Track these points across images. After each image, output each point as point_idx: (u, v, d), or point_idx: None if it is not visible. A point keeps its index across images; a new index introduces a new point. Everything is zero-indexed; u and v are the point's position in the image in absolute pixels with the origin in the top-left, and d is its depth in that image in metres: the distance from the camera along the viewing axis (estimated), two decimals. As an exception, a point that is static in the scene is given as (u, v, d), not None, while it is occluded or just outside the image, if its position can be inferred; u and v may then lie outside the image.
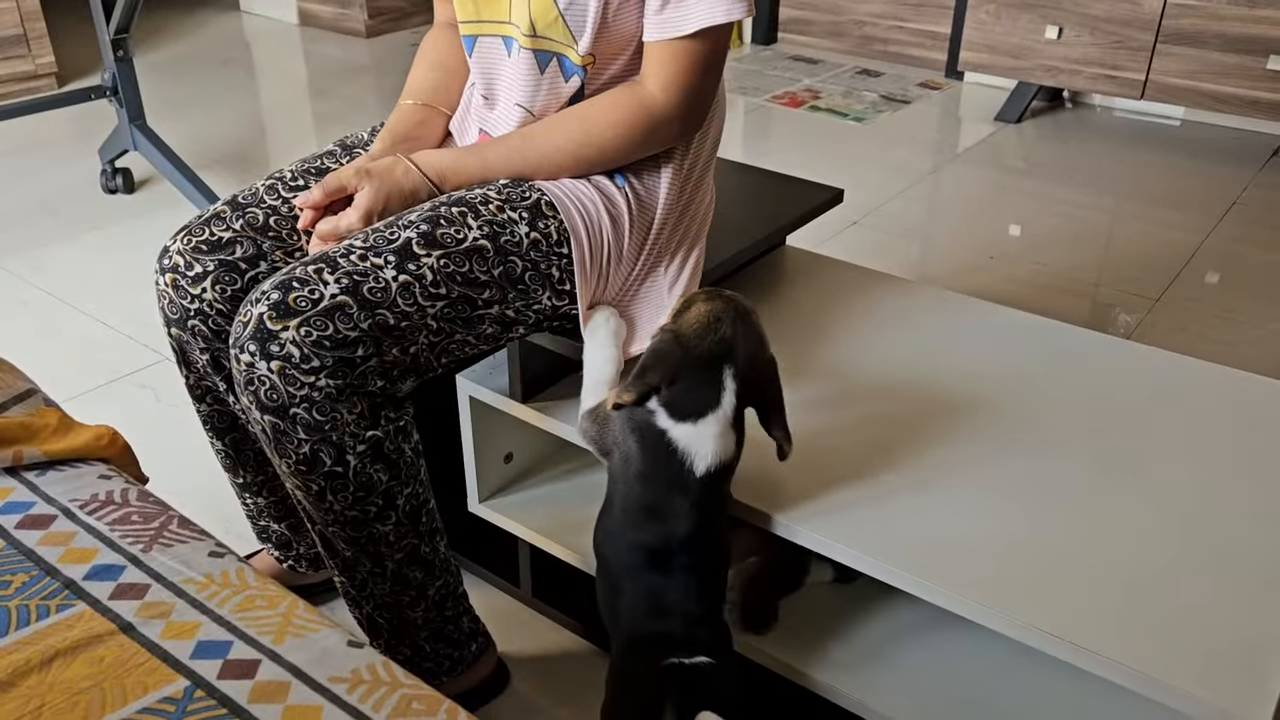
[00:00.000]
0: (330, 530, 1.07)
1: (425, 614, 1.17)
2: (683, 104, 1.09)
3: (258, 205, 1.16)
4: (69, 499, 0.85)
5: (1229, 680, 0.83)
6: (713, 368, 0.92)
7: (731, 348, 0.92)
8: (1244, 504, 1.03)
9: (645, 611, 0.95)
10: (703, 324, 0.93)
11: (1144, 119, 3.16)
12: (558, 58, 1.10)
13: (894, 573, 0.95)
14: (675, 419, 0.93)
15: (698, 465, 0.93)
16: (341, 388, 0.98)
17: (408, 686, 0.70)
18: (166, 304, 1.15)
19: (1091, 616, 0.89)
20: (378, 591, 1.13)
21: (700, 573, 0.96)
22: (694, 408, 0.93)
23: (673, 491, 0.95)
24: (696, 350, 0.92)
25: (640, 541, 0.96)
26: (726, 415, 0.93)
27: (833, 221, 2.43)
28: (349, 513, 1.05)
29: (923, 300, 1.39)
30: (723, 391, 0.92)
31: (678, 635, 0.93)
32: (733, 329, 0.93)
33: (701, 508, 0.96)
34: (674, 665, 0.89)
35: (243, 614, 0.73)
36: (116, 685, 0.66)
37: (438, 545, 1.15)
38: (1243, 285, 2.21)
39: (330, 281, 0.98)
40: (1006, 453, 1.10)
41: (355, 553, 1.09)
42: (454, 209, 1.06)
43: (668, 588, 0.95)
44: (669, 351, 0.92)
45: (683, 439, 0.93)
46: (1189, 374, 1.24)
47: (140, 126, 2.51)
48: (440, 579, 1.17)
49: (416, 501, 1.10)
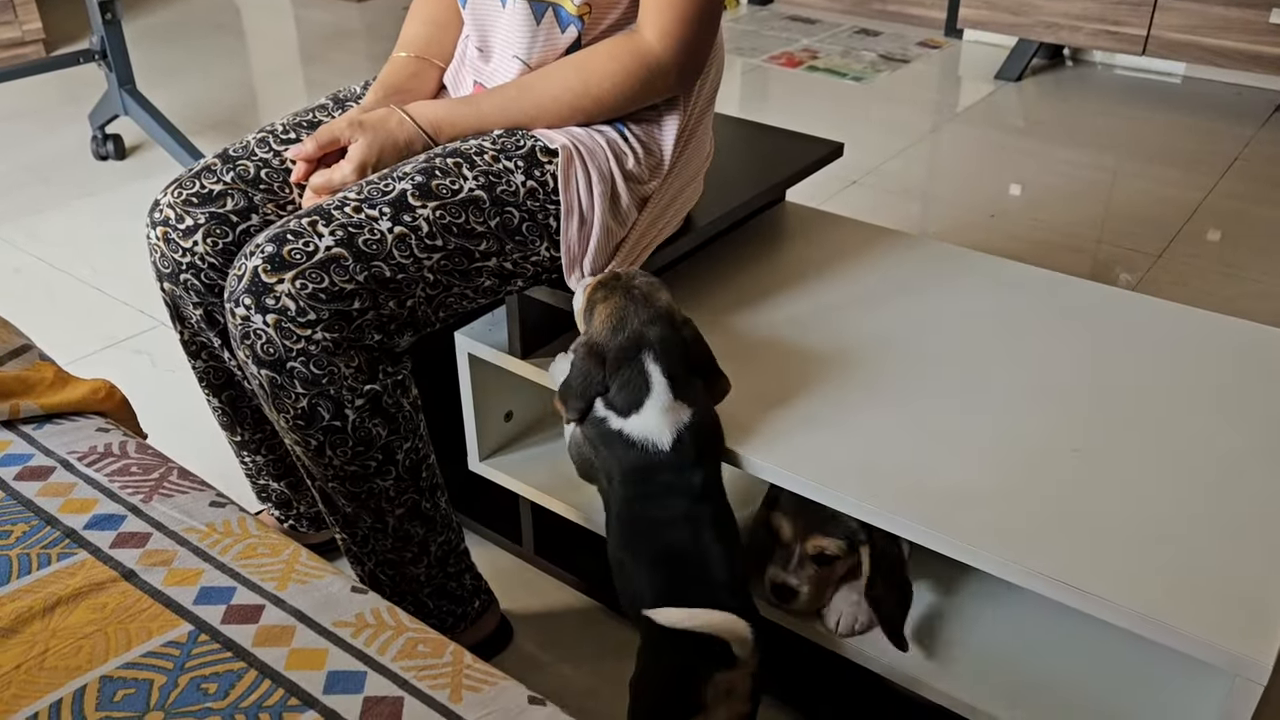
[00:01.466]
0: (330, 486, 1.07)
1: (427, 570, 1.16)
2: (680, 53, 1.08)
3: (249, 158, 1.15)
4: (67, 451, 0.85)
5: (1233, 623, 0.83)
6: (632, 361, 0.97)
7: (643, 336, 0.97)
8: (1247, 450, 1.02)
9: (671, 590, 0.95)
10: (610, 325, 0.98)
11: (1145, 76, 3.14)
12: (553, 8, 1.08)
13: (903, 524, 0.95)
14: (622, 416, 0.98)
15: (662, 444, 0.97)
16: (338, 341, 0.97)
17: (412, 630, 0.69)
18: (158, 258, 1.14)
19: (1096, 562, 0.89)
20: (379, 548, 1.12)
21: (716, 540, 0.97)
22: (632, 402, 0.97)
23: (655, 474, 0.97)
24: (614, 353, 0.97)
25: (651, 530, 0.97)
26: (663, 395, 0.97)
27: (832, 181, 2.41)
28: (348, 468, 1.05)
29: (924, 254, 1.38)
30: (650, 378, 0.97)
31: (706, 601, 0.92)
32: (638, 318, 0.98)
33: (687, 474, 0.98)
34: (706, 636, 0.89)
35: (245, 561, 0.73)
36: (120, 630, 0.66)
37: (439, 501, 1.15)
38: (1244, 241, 2.20)
39: (325, 234, 0.97)
40: (1009, 402, 1.09)
41: (356, 508, 1.08)
42: (449, 160, 1.05)
43: (688, 564, 0.95)
44: (588, 365, 0.98)
45: (638, 430, 0.98)
46: (1190, 323, 1.23)
47: (130, 91, 2.48)
48: (442, 535, 1.16)
49: (416, 456, 1.10)
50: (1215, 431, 1.05)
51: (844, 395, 1.10)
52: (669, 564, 0.96)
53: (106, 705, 0.62)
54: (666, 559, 0.96)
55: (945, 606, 1.10)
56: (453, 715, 0.63)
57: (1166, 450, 1.02)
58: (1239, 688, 0.81)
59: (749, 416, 1.06)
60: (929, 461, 1.01)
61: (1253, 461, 1.01)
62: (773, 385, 1.12)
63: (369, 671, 0.65)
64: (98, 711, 0.61)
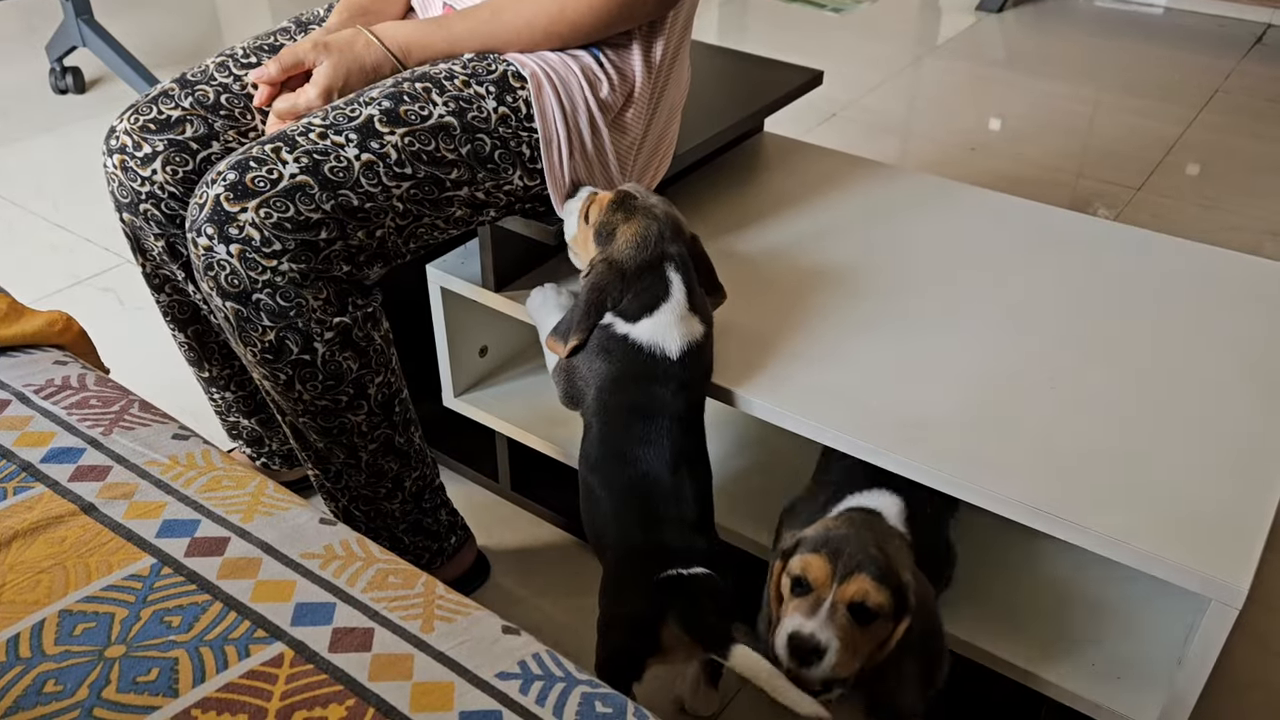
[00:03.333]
0: (301, 421, 1.05)
1: (402, 506, 1.15)
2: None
3: (208, 83, 1.10)
4: (23, 384, 0.82)
5: (1209, 548, 0.83)
6: (654, 271, 0.97)
7: (665, 250, 0.97)
8: (1222, 378, 1.02)
9: (640, 523, 0.94)
10: (636, 243, 0.97)
11: (1126, 7, 3.09)
12: None
13: (871, 449, 0.94)
14: (632, 320, 0.97)
15: (670, 350, 0.96)
16: (305, 272, 0.94)
17: (383, 561, 0.68)
18: (116, 187, 1.10)
19: (1073, 490, 0.89)
20: (353, 484, 1.11)
21: (691, 476, 0.96)
22: (646, 306, 0.96)
23: (656, 382, 0.95)
24: (637, 268, 0.96)
25: (630, 453, 0.95)
26: (681, 302, 0.97)
27: (811, 113, 2.37)
28: (319, 402, 1.02)
29: (903, 185, 1.36)
30: (670, 285, 0.97)
31: (675, 546, 0.91)
32: (662, 237, 0.97)
33: (688, 388, 0.96)
34: (673, 578, 0.88)
35: (209, 494, 0.71)
36: (80, 564, 0.64)
37: (412, 436, 1.13)
38: (1223, 174, 2.19)
39: (289, 160, 0.94)
40: (985, 331, 1.08)
41: (328, 444, 1.07)
42: (418, 84, 1.01)
43: (660, 496, 0.94)
44: (608, 281, 0.97)
45: (646, 334, 0.96)
46: (1167, 252, 1.22)
47: (88, 21, 2.39)
48: (417, 470, 1.15)
49: (389, 391, 1.07)
50: (1191, 359, 1.04)
51: (822, 326, 1.09)
52: (641, 493, 0.95)
53: (65, 639, 0.60)
54: (639, 487, 0.95)
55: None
56: (424, 645, 0.62)
57: (1142, 378, 1.02)
58: (1214, 612, 0.82)
59: (727, 348, 1.05)
60: (907, 391, 1.00)
61: (1228, 389, 1.00)
62: (751, 317, 1.10)
63: (338, 603, 0.64)
64: (56, 645, 0.60)
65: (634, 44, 1.11)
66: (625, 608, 0.91)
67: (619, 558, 0.95)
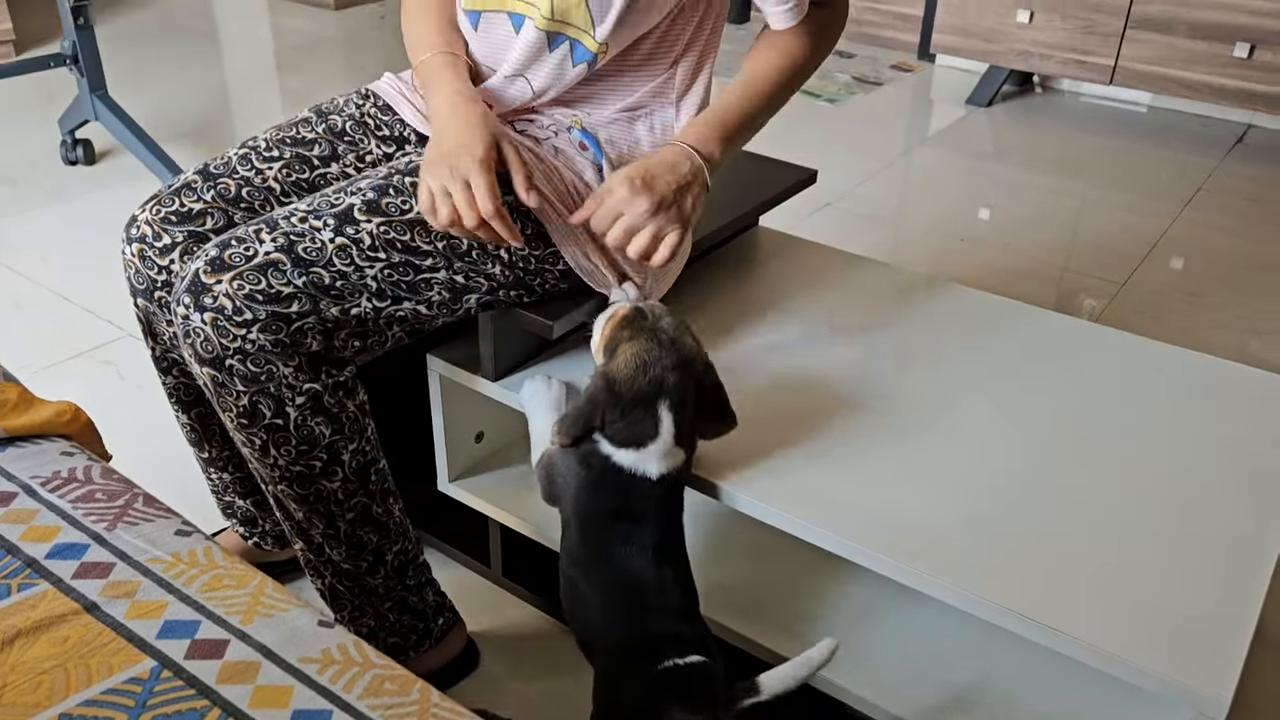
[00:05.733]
0: (280, 490, 1.07)
1: (385, 581, 1.16)
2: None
3: (230, 175, 1.14)
4: (30, 476, 0.83)
5: (1194, 659, 0.85)
6: (648, 405, 0.95)
7: (663, 383, 0.95)
8: (1207, 485, 1.04)
9: (627, 617, 0.94)
10: (633, 367, 0.95)
11: (1112, 104, 3.19)
12: (571, 42, 1.08)
13: (861, 552, 0.96)
14: (617, 447, 0.96)
15: (650, 474, 0.97)
16: (275, 343, 0.98)
17: (379, 667, 0.69)
18: (133, 274, 1.13)
19: (1058, 595, 0.90)
20: (335, 557, 1.12)
21: (673, 563, 0.97)
22: (634, 438, 0.96)
23: (633, 497, 0.97)
24: (630, 393, 0.95)
25: (610, 550, 0.97)
26: (667, 441, 0.96)
27: (805, 203, 2.43)
28: (294, 468, 1.05)
29: (895, 282, 1.40)
30: (659, 424, 0.95)
31: (664, 634, 0.92)
32: (662, 365, 0.95)
33: (664, 503, 0.98)
34: (670, 669, 0.88)
35: (210, 593, 0.72)
36: (81, 666, 0.65)
37: (391, 507, 1.14)
38: (1207, 271, 2.24)
39: (267, 240, 1.00)
40: (972, 432, 1.11)
41: (307, 513, 1.08)
42: (407, 179, 1.06)
43: (647, 587, 0.95)
44: (604, 398, 0.96)
45: (628, 461, 0.96)
46: (1153, 357, 1.25)
47: (101, 96, 2.45)
48: (397, 543, 1.16)
49: (364, 459, 1.09)
50: (1177, 464, 1.07)
51: (810, 424, 1.11)
52: (625, 587, 0.96)
53: (66, 743, 0.61)
54: (623, 582, 0.96)
55: (909, 634, 1.11)
56: (418, 754, 0.62)
57: (1129, 482, 1.04)
58: (1197, 723, 0.83)
59: (720, 446, 1.07)
60: (896, 494, 1.02)
61: (1212, 495, 1.03)
62: (744, 413, 1.12)
63: (335, 710, 0.64)
64: (57, 750, 0.60)
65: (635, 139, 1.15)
66: (625, 704, 0.91)
67: (610, 653, 0.96)
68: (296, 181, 1.16)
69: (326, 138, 1.20)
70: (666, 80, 1.16)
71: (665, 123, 1.18)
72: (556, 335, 1.15)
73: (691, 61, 1.16)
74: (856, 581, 1.17)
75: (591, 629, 0.98)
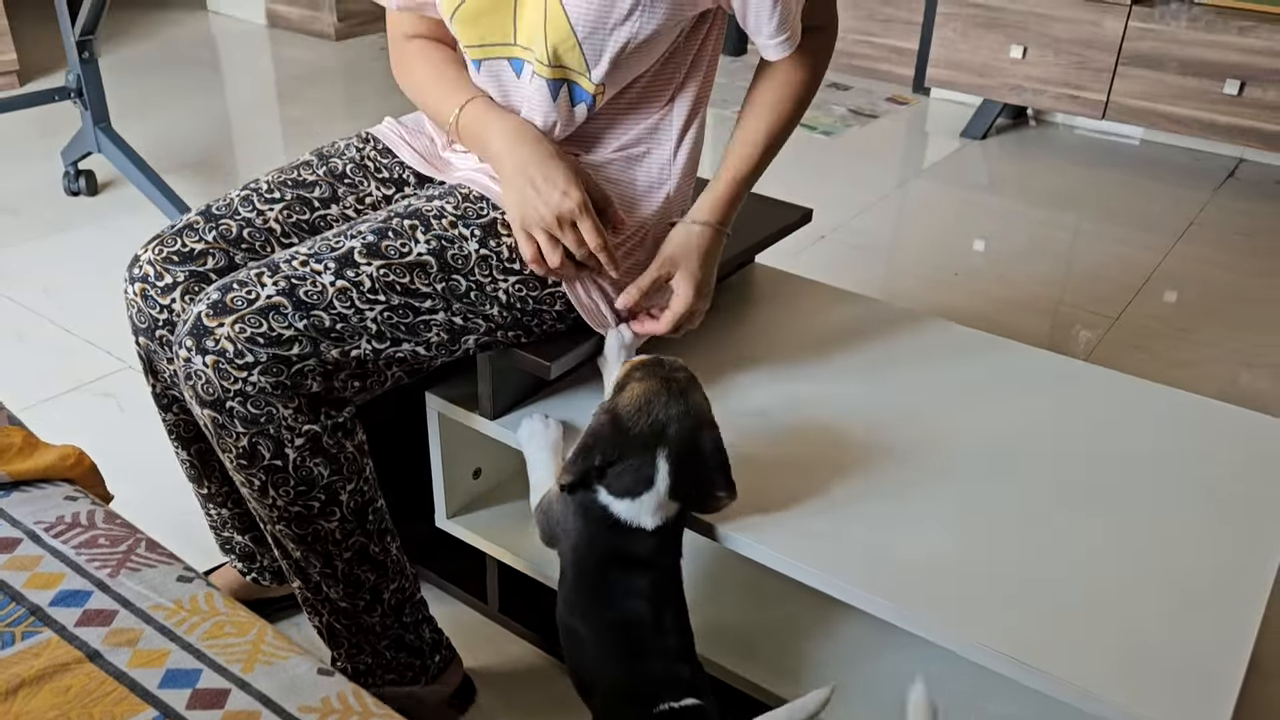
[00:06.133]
0: (278, 529, 1.08)
1: (382, 620, 1.17)
2: (826, 20, 1.18)
3: (231, 217, 1.16)
4: (34, 521, 0.84)
5: (1187, 699, 0.85)
6: (647, 450, 0.95)
7: (665, 431, 0.95)
8: (1199, 524, 1.05)
9: (624, 661, 0.95)
10: (637, 406, 0.95)
11: (1105, 138, 3.22)
12: (568, 84, 1.10)
13: (854, 593, 0.97)
14: (615, 496, 0.97)
15: (646, 525, 0.97)
16: (276, 385, 1.00)
17: (378, 716, 0.70)
18: (135, 313, 1.15)
19: (1047, 637, 0.91)
20: (332, 595, 1.13)
21: (670, 607, 0.98)
22: (631, 488, 0.96)
23: (629, 545, 0.98)
24: (632, 431, 0.95)
25: (607, 597, 0.98)
26: (661, 494, 0.96)
27: (800, 236, 2.45)
28: (292, 508, 1.06)
29: (888, 320, 1.41)
30: (656, 474, 0.96)
31: (661, 677, 0.93)
32: (666, 411, 0.95)
33: (660, 551, 0.99)
34: (665, 712, 0.89)
35: (211, 641, 0.73)
36: (84, 715, 0.66)
37: (389, 546, 1.15)
38: (1199, 305, 2.26)
39: (269, 284, 1.01)
40: (964, 473, 1.12)
41: (304, 552, 1.09)
42: (405, 221, 1.08)
43: (644, 630, 0.96)
44: (607, 434, 0.96)
45: (624, 512, 0.97)
46: (1145, 396, 1.27)
47: (105, 129, 2.48)
48: (395, 582, 1.17)
49: (362, 499, 1.10)
50: (1167, 504, 1.08)
51: (807, 464, 1.12)
52: (623, 632, 0.97)
53: (68, 795, 0.62)
54: (620, 627, 0.97)
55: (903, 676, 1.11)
56: (416, 804, 0.63)
57: (1120, 523, 1.05)
58: (1187, 770, 0.84)
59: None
60: (890, 536, 1.03)
61: (1203, 534, 1.04)
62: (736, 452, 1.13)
63: (333, 759, 0.65)
64: (59, 801, 0.61)
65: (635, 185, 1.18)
66: None
67: (607, 695, 0.97)
68: (297, 223, 1.18)
69: (327, 180, 1.22)
70: (663, 118, 1.18)
71: (661, 163, 1.20)
72: (554, 375, 1.17)
73: (688, 99, 1.18)
74: (852, 623, 1.18)
75: (589, 671, 0.99)
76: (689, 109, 1.19)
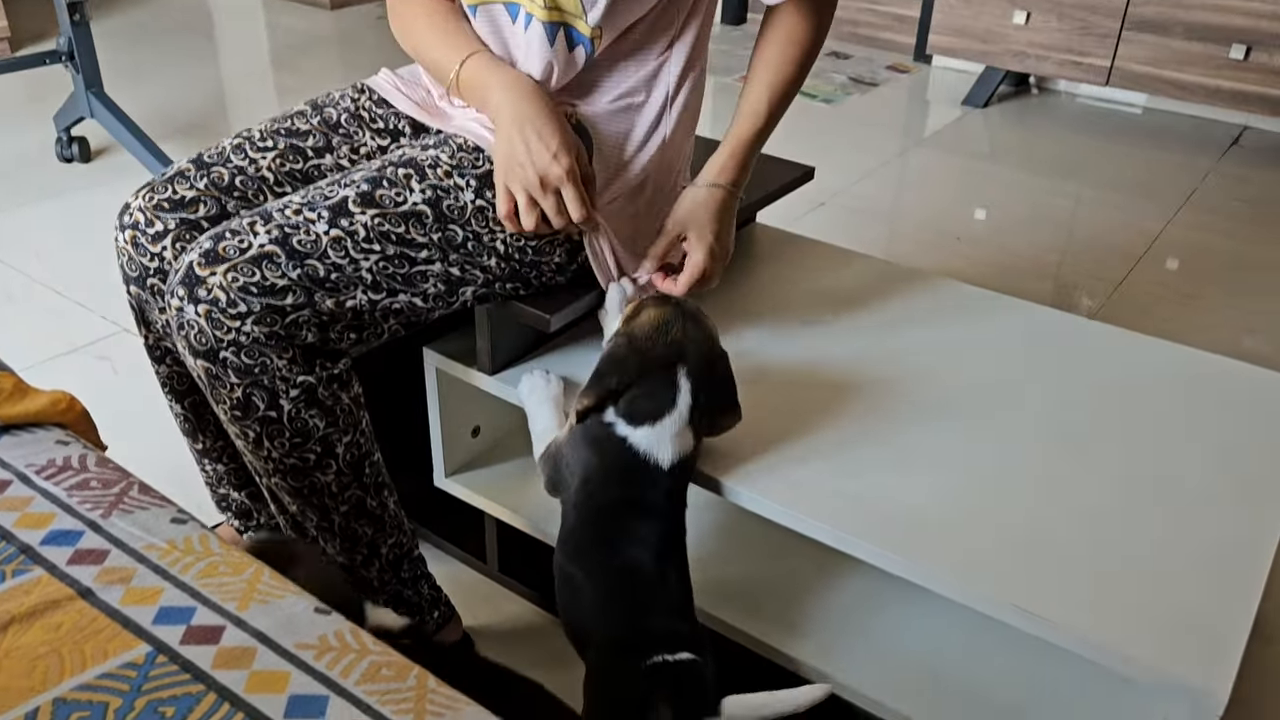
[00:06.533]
0: (274, 482, 1.07)
1: (380, 574, 1.16)
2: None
3: (223, 165, 1.14)
4: (25, 464, 0.83)
5: (1192, 652, 0.84)
6: (667, 370, 0.95)
7: (683, 349, 0.95)
8: (1204, 480, 1.04)
9: (624, 612, 0.94)
10: (654, 327, 0.96)
11: (1107, 106, 3.20)
12: (565, 28, 1.08)
13: (859, 545, 0.95)
14: (633, 424, 0.96)
15: (663, 461, 0.96)
16: (269, 335, 0.98)
17: (376, 653, 0.68)
18: (125, 261, 1.13)
19: (1056, 589, 0.90)
20: (329, 550, 1.12)
21: (673, 563, 0.97)
22: (651, 411, 0.95)
23: (643, 487, 0.96)
24: (650, 353, 0.95)
25: (612, 543, 0.96)
26: (683, 415, 0.96)
27: (800, 202, 2.43)
28: (287, 460, 1.05)
29: (891, 277, 1.40)
30: (678, 392, 0.95)
31: (659, 632, 0.92)
32: (683, 331, 0.95)
33: (672, 496, 0.98)
34: (659, 664, 0.88)
35: (206, 580, 0.72)
36: (75, 651, 0.65)
37: (386, 501, 1.14)
38: (1202, 272, 2.24)
39: (261, 232, 0.99)
40: (969, 427, 1.11)
41: (301, 505, 1.08)
42: (400, 170, 1.06)
43: (644, 584, 0.95)
44: (624, 355, 0.95)
45: (643, 442, 0.96)
46: (1150, 353, 1.25)
47: (97, 94, 2.44)
48: (392, 537, 1.16)
49: (358, 452, 1.09)
50: (1172, 459, 1.07)
51: (810, 419, 1.11)
52: (624, 582, 0.95)
53: (60, 728, 0.60)
54: (623, 576, 0.96)
55: (906, 629, 1.11)
56: (415, 740, 0.62)
57: (1125, 478, 1.04)
58: (1197, 716, 0.83)
59: (721, 440, 1.07)
60: (894, 487, 1.02)
61: (1209, 490, 1.03)
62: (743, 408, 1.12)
63: (331, 695, 0.64)
64: (51, 734, 0.60)
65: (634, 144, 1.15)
66: (613, 698, 0.91)
67: (602, 648, 0.95)
68: (290, 172, 1.16)
69: (321, 129, 1.20)
70: (662, 65, 1.16)
71: (659, 109, 1.17)
72: (554, 328, 1.15)
73: (686, 45, 1.16)
74: (855, 576, 1.17)
75: (584, 622, 0.98)
76: (687, 55, 1.16)
